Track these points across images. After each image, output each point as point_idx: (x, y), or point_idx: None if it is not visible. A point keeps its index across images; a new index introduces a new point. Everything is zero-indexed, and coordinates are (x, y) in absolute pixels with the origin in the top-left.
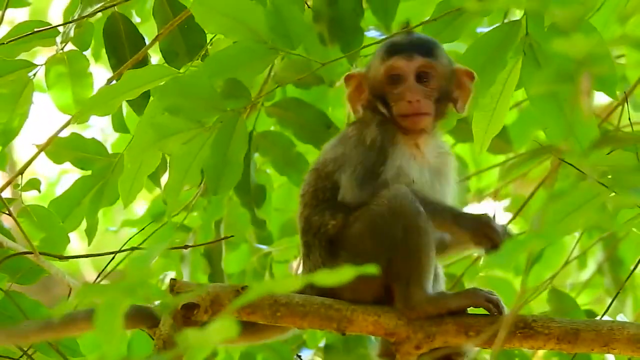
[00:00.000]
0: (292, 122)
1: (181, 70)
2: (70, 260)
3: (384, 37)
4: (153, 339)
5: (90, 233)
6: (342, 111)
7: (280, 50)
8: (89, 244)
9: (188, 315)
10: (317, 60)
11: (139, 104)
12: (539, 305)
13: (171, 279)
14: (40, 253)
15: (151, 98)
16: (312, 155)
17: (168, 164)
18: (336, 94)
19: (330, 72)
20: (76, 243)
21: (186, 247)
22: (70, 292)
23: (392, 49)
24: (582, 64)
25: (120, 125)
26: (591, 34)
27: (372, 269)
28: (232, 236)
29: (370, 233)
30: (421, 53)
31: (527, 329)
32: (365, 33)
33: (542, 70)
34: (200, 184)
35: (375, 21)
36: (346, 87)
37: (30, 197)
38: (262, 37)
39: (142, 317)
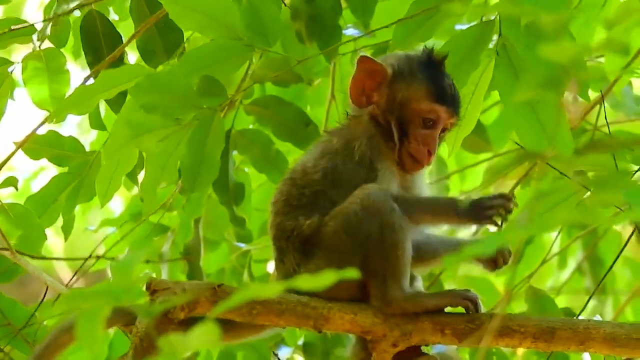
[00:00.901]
0: (270, 120)
1: (159, 69)
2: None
3: (361, 35)
4: (129, 337)
5: (66, 230)
6: (321, 109)
7: (257, 47)
8: (65, 240)
9: (164, 313)
10: (295, 57)
11: (116, 102)
12: (519, 305)
13: (149, 277)
14: (17, 252)
15: (128, 96)
16: (291, 153)
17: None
18: (314, 93)
19: (309, 71)
20: (52, 240)
21: None
22: (46, 290)
23: (442, 96)
24: (566, 69)
25: (97, 122)
26: (570, 38)
27: (352, 273)
28: None
29: (345, 231)
30: (457, 111)
31: (503, 327)
32: (344, 31)
33: (519, 76)
34: (178, 181)
35: (354, 19)
36: (357, 66)
37: (5, 193)
38: (238, 34)
39: (118, 315)
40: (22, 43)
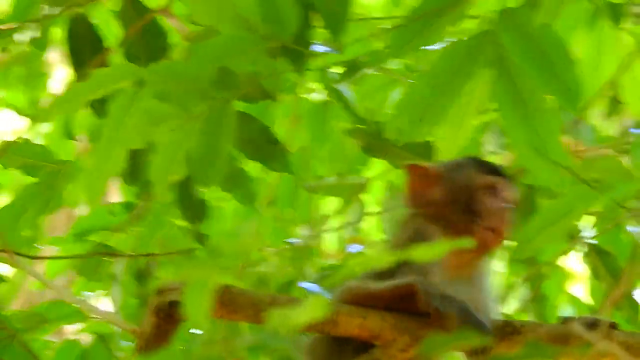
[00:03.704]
0: (237, 136)
1: None
2: None
3: (332, 51)
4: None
5: (34, 241)
6: (284, 128)
7: (271, 38)
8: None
9: (171, 313)
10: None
11: (99, 107)
12: None
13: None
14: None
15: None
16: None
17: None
18: (279, 110)
19: (276, 87)
20: None
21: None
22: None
23: (493, 169)
24: None
25: (67, 131)
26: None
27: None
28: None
29: None
30: (513, 183)
31: (515, 334)
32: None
33: (519, 88)
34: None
35: (322, 36)
36: (409, 173)
37: None
38: (253, 25)
39: None
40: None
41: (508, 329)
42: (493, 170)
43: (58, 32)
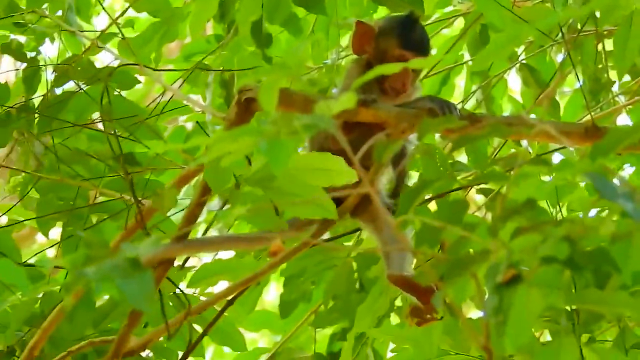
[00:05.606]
0: None
1: None
2: None
3: None
4: None
5: (157, 60)
6: None
7: None
8: (155, 69)
9: (249, 105)
10: None
11: None
12: None
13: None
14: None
15: None
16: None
17: None
18: None
19: None
20: None
21: None
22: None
23: (409, 44)
24: None
25: None
26: None
27: None
28: None
29: None
30: (423, 54)
31: (477, 122)
32: None
33: None
34: (228, 33)
35: None
36: (355, 29)
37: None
38: None
39: None
40: None
41: (472, 118)
42: (409, 43)
43: None
